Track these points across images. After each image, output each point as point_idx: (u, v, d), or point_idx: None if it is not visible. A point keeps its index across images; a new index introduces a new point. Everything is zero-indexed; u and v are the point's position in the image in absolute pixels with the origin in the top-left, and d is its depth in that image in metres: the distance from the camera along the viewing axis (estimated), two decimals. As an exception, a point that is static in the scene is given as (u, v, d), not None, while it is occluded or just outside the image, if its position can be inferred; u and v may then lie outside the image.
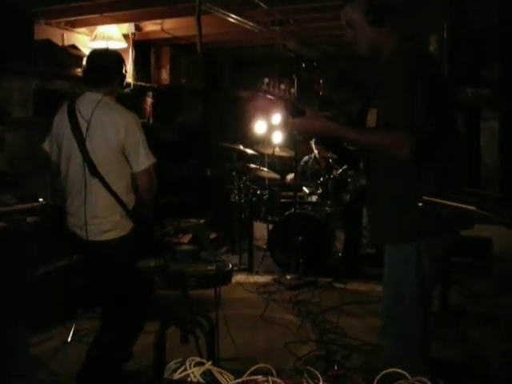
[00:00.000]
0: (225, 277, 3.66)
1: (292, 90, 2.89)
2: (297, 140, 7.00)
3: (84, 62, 3.92)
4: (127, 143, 3.60)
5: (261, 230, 7.81)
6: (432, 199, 1.94)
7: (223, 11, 6.07)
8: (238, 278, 6.68)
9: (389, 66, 2.79)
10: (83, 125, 3.63)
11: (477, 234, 6.63)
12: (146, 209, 3.89)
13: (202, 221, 7.34)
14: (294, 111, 2.88)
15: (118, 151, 3.61)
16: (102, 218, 3.65)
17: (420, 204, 1.97)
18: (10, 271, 4.52)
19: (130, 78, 7.63)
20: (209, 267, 3.60)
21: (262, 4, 5.99)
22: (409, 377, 1.82)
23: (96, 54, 3.99)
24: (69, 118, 3.69)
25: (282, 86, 2.84)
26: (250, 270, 7.29)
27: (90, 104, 3.66)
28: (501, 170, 8.93)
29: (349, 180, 7.19)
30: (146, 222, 3.88)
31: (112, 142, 3.59)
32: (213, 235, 7.95)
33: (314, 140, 7.96)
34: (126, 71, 3.92)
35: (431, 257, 2.77)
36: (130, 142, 3.61)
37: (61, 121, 3.78)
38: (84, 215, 3.65)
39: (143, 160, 3.64)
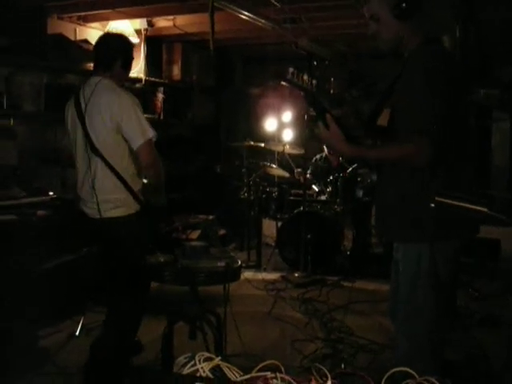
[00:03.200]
0: (234, 273, 3.67)
1: (314, 82, 2.88)
2: (309, 137, 6.99)
3: None
4: (122, 122, 3.59)
5: (269, 227, 7.83)
6: (444, 200, 1.94)
7: (235, 8, 6.07)
8: (246, 274, 6.68)
9: (409, 65, 2.79)
10: (83, 106, 3.69)
11: (485, 236, 6.64)
12: (155, 193, 3.86)
13: (211, 217, 7.35)
14: (313, 104, 2.88)
15: (114, 132, 3.61)
16: (106, 195, 3.66)
17: (432, 205, 1.97)
18: (20, 264, 4.55)
19: (141, 74, 7.65)
20: (218, 263, 3.61)
21: (274, 1, 5.99)
22: (417, 376, 1.82)
23: (100, 38, 3.99)
24: (74, 102, 3.77)
25: (305, 77, 2.83)
26: (258, 266, 7.31)
27: (90, 86, 3.71)
28: (511, 171, 8.90)
29: (359, 179, 7.19)
30: (150, 205, 3.84)
31: (107, 122, 3.60)
32: (221, 232, 7.96)
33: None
34: (131, 55, 3.92)
35: (444, 256, 2.76)
36: (125, 120, 3.59)
37: (69, 106, 3.85)
38: (90, 194, 3.69)
39: (140, 136, 3.59)
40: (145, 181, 3.87)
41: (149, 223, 3.87)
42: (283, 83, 2.81)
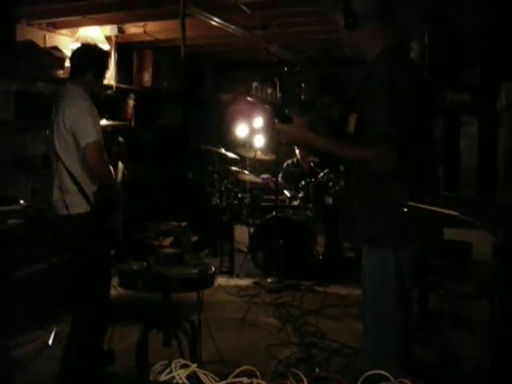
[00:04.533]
0: (207, 280, 3.68)
1: (278, 95, 2.94)
2: (280, 143, 7.02)
3: None
4: (74, 126, 3.83)
5: (242, 233, 7.82)
6: (416, 205, 1.98)
7: (206, 14, 6.09)
8: (219, 280, 6.66)
9: (372, 74, 2.84)
10: (54, 112, 3.99)
11: (457, 238, 6.73)
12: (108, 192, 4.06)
13: (183, 224, 7.35)
14: (279, 116, 2.93)
15: (68, 135, 3.87)
16: (64, 194, 3.90)
17: (405, 209, 2.01)
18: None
19: (112, 80, 7.62)
20: (192, 270, 3.61)
21: (244, 8, 6.02)
22: (391, 378, 1.84)
23: (75, 49, 4.35)
24: (53, 109, 4.06)
25: (269, 91, 2.88)
26: (230, 273, 7.30)
27: (62, 94, 4.03)
28: (478, 174, 9.02)
29: (330, 184, 7.23)
30: (100, 206, 3.99)
31: (63, 127, 3.87)
32: (194, 238, 7.96)
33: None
34: (102, 65, 4.19)
35: (408, 259, 2.83)
36: (74, 123, 3.84)
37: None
38: (53, 193, 3.99)
39: (84, 138, 3.81)
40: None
41: (101, 225, 4.00)
42: (249, 99, 2.85)
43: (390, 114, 2.66)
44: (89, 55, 4.13)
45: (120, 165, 4.71)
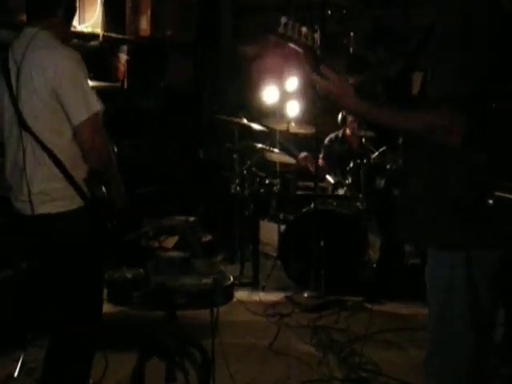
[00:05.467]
0: (224, 293, 3.70)
1: (316, 36, 2.92)
2: (319, 99, 6.95)
3: None
4: (61, 89, 3.59)
5: (269, 231, 7.84)
6: (506, 196, 1.97)
7: None
8: (239, 295, 6.67)
9: (441, 17, 2.82)
10: (13, 68, 3.69)
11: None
12: (99, 183, 3.78)
13: (191, 219, 7.38)
14: (316, 64, 2.92)
15: (49, 100, 3.61)
16: (40, 185, 3.66)
17: (490, 201, 2.00)
18: None
19: (97, 28, 7.64)
20: (203, 280, 3.64)
21: None
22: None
23: None
24: (1, 64, 3.76)
25: (304, 30, 2.86)
26: (254, 284, 7.36)
27: (24, 42, 3.70)
28: None
29: (388, 166, 7.15)
30: (96, 199, 3.76)
31: (40, 88, 3.61)
32: (206, 238, 7.98)
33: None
34: (73, 4, 3.96)
35: (486, 267, 2.78)
36: (64, 87, 3.59)
37: None
38: (20, 183, 3.71)
39: (83, 109, 3.59)
40: None
41: (97, 224, 3.84)
42: (276, 38, 2.82)
43: (458, 68, 2.64)
44: None
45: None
